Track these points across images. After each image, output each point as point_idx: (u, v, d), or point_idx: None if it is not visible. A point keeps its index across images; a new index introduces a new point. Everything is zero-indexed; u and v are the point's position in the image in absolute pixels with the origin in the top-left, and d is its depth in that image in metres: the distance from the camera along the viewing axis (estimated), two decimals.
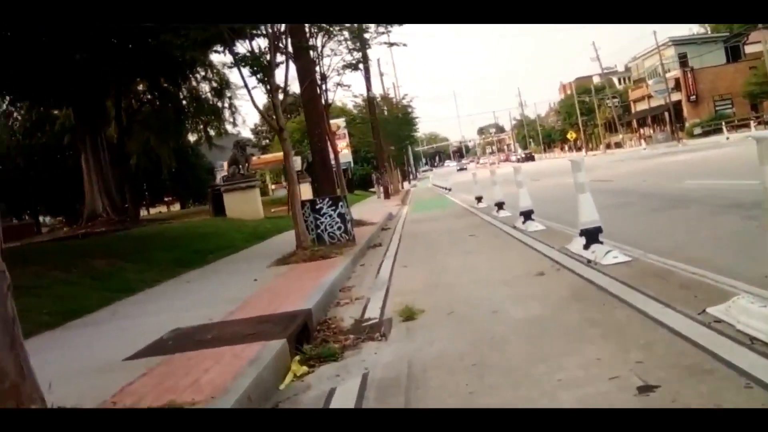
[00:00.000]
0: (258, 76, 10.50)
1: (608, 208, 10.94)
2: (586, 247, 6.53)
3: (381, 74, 47.05)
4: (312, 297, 6.12)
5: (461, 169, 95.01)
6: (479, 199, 18.03)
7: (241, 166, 21.40)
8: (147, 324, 6.09)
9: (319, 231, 10.65)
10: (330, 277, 7.37)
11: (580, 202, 6.59)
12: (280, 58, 11.65)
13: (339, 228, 10.72)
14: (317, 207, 10.72)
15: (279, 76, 11.11)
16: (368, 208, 25.40)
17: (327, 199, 10.89)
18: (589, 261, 6.20)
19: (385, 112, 47.67)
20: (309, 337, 5.10)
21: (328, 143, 15.45)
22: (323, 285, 6.79)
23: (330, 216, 10.66)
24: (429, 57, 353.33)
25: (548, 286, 5.58)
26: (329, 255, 9.35)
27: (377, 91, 44.30)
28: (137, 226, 23.85)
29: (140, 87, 31.23)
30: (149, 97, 32.20)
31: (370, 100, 33.29)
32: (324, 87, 16.41)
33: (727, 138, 37.49)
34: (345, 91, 17.28)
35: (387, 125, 44.75)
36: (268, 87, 10.00)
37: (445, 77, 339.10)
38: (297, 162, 20.11)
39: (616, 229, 7.53)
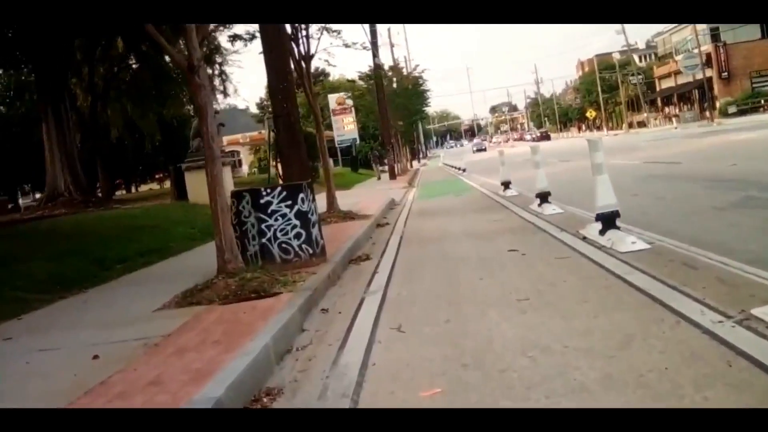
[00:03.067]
0: None
1: (737, 209, 6.97)
2: None
3: (392, 45, 42.43)
4: None
5: (479, 150, 75.96)
6: (506, 185, 13.92)
7: None
8: None
9: (264, 240, 6.39)
10: (237, 366, 3.35)
11: None
12: None
13: (298, 235, 6.45)
14: (262, 202, 6.36)
15: None
16: (367, 192, 21.52)
17: (279, 190, 6.47)
18: None
19: (395, 84, 43.04)
20: None
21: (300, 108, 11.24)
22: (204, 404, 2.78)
23: (284, 216, 6.40)
24: (440, 28, 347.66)
25: None
26: (269, 290, 5.25)
27: (387, 62, 39.89)
28: (107, 207, 20.07)
29: (120, 51, 27.52)
30: (129, 62, 28.49)
31: (376, 65, 28.93)
32: (305, 31, 12.18)
33: None
34: (334, 38, 12.87)
35: (396, 98, 40.37)
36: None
37: (456, 50, 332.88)
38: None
39: None
